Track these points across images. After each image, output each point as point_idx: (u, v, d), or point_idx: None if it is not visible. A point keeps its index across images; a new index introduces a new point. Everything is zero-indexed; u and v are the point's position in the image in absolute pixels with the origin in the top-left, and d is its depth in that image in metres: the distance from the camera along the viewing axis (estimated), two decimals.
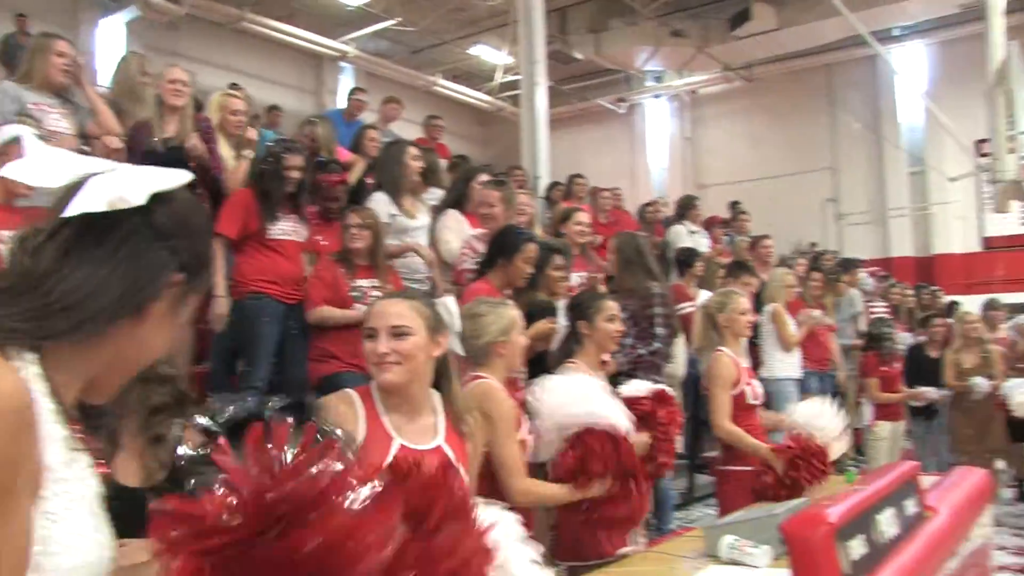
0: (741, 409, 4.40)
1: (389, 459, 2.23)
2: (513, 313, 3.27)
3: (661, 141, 21.12)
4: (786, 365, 7.40)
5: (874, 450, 8.12)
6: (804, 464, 4.07)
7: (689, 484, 7.56)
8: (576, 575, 3.29)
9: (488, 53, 18.63)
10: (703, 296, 5.32)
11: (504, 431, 2.95)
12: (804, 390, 8.06)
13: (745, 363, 4.53)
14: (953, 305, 10.95)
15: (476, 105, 20.77)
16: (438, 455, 2.39)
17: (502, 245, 4.53)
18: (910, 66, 18.02)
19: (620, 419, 3.21)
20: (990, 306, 9.62)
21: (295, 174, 5.45)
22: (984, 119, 10.42)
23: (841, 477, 4.57)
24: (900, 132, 18.18)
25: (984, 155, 11.33)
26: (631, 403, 3.67)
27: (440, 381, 2.55)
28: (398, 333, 2.39)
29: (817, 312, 7.84)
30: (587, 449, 3.06)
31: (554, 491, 3.07)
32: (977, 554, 4.21)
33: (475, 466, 2.66)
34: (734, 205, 12.03)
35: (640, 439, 3.54)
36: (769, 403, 6.96)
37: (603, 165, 19.25)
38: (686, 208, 10.19)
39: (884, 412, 8.18)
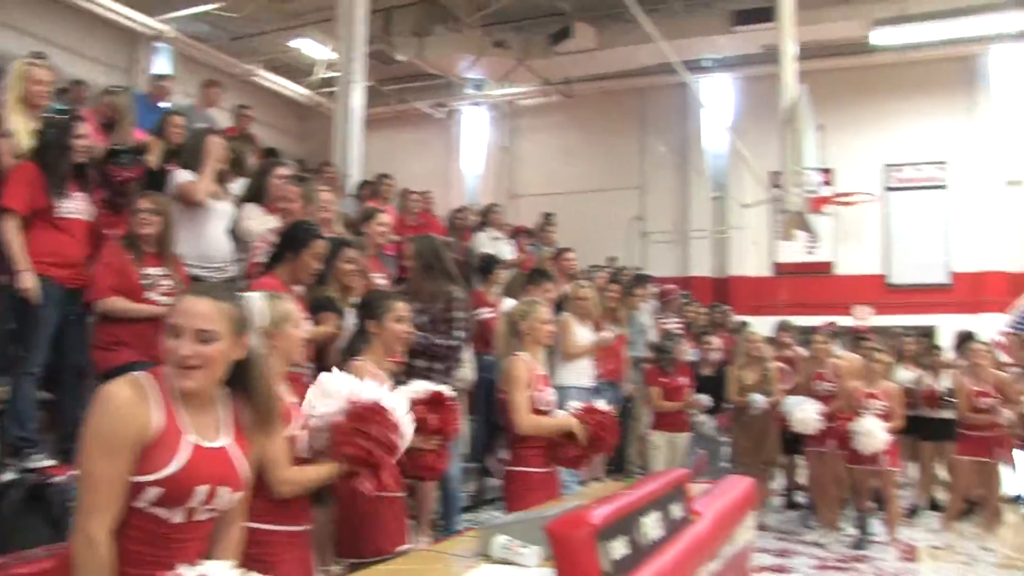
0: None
1: (180, 456, 2.21)
2: (287, 306, 3.23)
3: (478, 149, 21.37)
4: (574, 374, 7.61)
5: (651, 458, 8.48)
6: (602, 425, 4.54)
7: (479, 487, 7.68)
8: (355, 572, 3.29)
9: (310, 47, 18.32)
10: (506, 303, 5.41)
11: None
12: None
13: (541, 371, 4.65)
14: (743, 325, 11.62)
15: (295, 99, 20.41)
16: (221, 456, 2.38)
17: (291, 239, 4.48)
18: (717, 97, 19.07)
19: (382, 395, 3.20)
20: (781, 327, 10.21)
21: (81, 145, 5.19)
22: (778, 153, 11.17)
23: (620, 483, 4.80)
24: (704, 158, 19.19)
25: (776, 186, 12.04)
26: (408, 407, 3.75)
27: (245, 379, 2.51)
28: (204, 338, 2.34)
29: (608, 334, 8.01)
30: (343, 424, 3.03)
31: (315, 472, 3.03)
32: (739, 556, 4.52)
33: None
34: (547, 216, 12.36)
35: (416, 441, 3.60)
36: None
37: (419, 168, 19.30)
38: (488, 215, 10.34)
39: (663, 422, 8.52)
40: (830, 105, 16.77)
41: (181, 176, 5.62)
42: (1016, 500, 9.45)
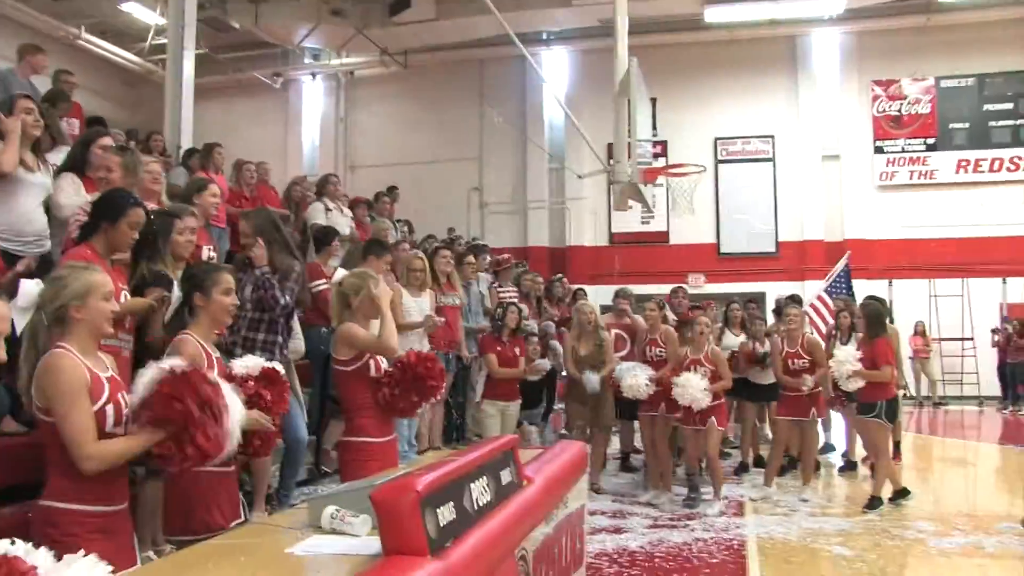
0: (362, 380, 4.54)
1: None
2: (94, 278, 3.08)
3: (315, 119, 21.02)
4: (405, 344, 7.60)
5: (483, 426, 8.56)
6: (427, 369, 4.54)
7: (316, 460, 7.59)
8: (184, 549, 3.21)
9: (140, 11, 17.34)
10: (338, 275, 5.28)
11: (64, 403, 2.78)
12: None
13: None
14: (578, 293, 11.85)
15: (125, 66, 19.18)
16: None
17: (106, 208, 4.24)
18: (555, 70, 19.34)
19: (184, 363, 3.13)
20: (619, 295, 10.40)
21: None
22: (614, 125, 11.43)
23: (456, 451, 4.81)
24: (543, 130, 19.48)
25: (612, 158, 12.30)
26: (239, 382, 3.67)
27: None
28: None
29: (437, 319, 7.98)
30: (159, 388, 2.94)
31: (121, 444, 2.91)
32: (571, 519, 4.62)
33: None
34: (390, 190, 12.25)
35: (249, 416, 3.54)
36: None
37: (255, 139, 18.84)
38: (323, 187, 10.10)
39: (495, 391, 8.58)
40: (664, 80, 17.32)
41: None
42: (824, 451, 10.14)
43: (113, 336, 3.79)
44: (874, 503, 7.73)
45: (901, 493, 7.97)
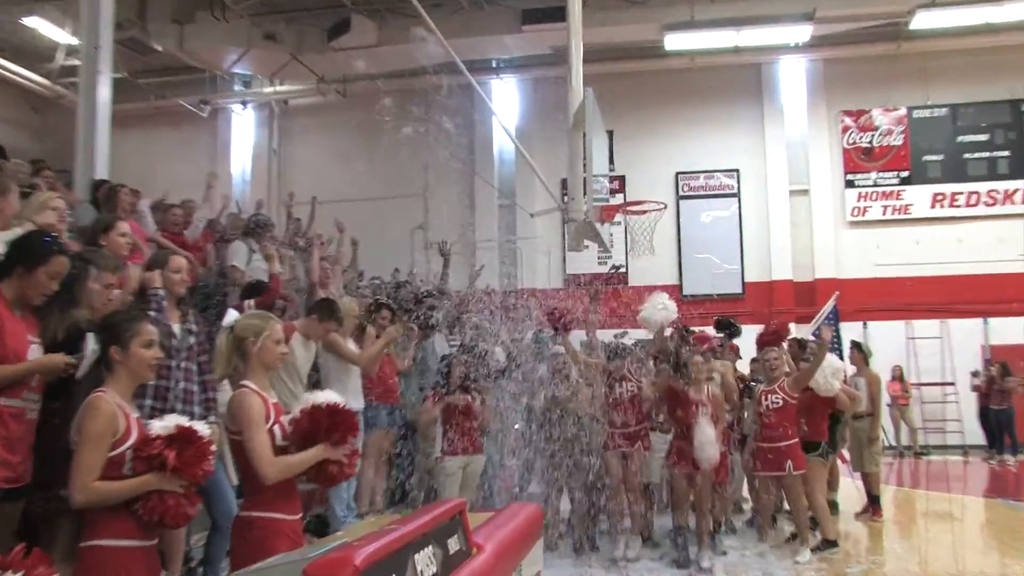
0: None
1: None
2: None
3: (246, 151, 20.91)
4: (341, 394, 7.55)
5: (441, 486, 8.47)
6: (336, 422, 4.13)
7: None
8: None
9: (47, 28, 16.87)
10: (230, 316, 4.99)
11: None
12: (371, 424, 8.34)
13: (273, 398, 4.26)
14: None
15: (31, 88, 18.75)
16: None
17: (25, 252, 4.12)
18: (505, 100, 19.49)
19: None
20: (590, 345, 10.51)
21: None
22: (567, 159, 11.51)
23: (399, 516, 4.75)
24: (492, 165, 19.58)
25: (566, 194, 12.38)
26: (144, 444, 3.61)
27: None
28: None
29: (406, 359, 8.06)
30: None
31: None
32: None
33: None
34: (298, 222, 12.26)
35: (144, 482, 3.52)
36: None
37: (180, 172, 18.55)
38: (256, 228, 9.85)
39: (454, 446, 8.51)
40: (622, 111, 17.57)
41: None
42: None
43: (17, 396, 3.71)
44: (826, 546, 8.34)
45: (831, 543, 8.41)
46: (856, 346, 11.20)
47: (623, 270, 12.75)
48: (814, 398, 8.60)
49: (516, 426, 9.35)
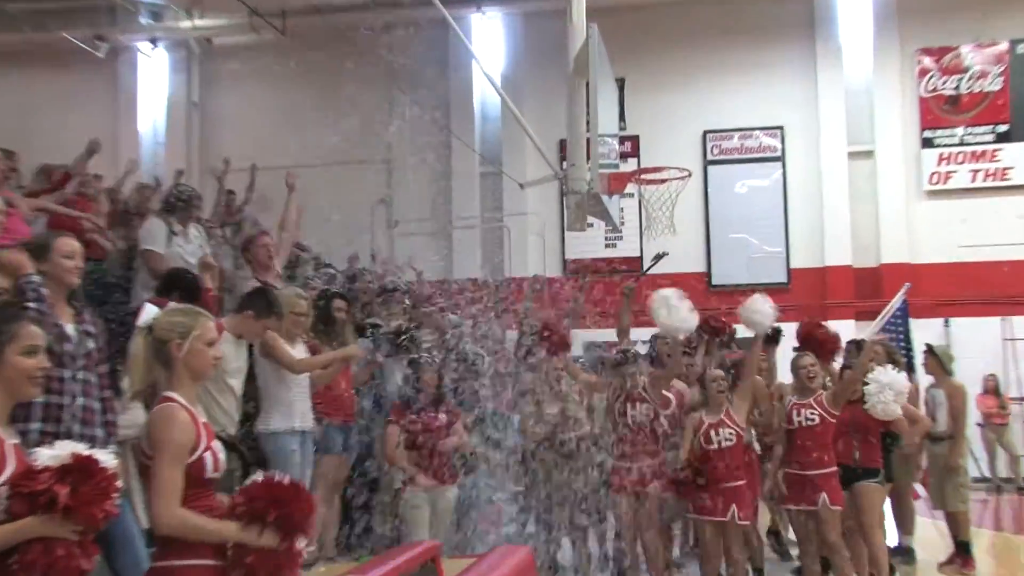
0: (195, 486, 4.02)
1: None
2: None
3: (157, 103, 20.84)
4: (282, 413, 7.76)
5: (407, 522, 8.59)
6: (277, 502, 3.94)
7: None
8: None
9: None
10: (148, 313, 4.75)
11: None
12: (325, 449, 8.48)
13: (203, 416, 4.20)
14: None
15: None
16: None
17: None
18: (489, 41, 19.51)
19: None
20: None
21: None
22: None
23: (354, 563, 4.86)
24: (472, 123, 19.68)
25: (565, 160, 12.49)
26: (26, 477, 3.53)
27: None
28: None
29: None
30: None
31: None
32: None
33: None
34: (229, 194, 12.32)
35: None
36: (265, 466, 7.25)
37: (71, 126, 18.43)
38: (177, 202, 9.90)
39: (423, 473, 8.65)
40: (636, 55, 17.70)
41: None
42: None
43: None
44: None
45: None
46: (932, 351, 11.03)
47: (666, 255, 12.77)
48: (869, 416, 8.75)
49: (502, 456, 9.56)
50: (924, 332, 14.51)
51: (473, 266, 19.42)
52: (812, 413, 8.66)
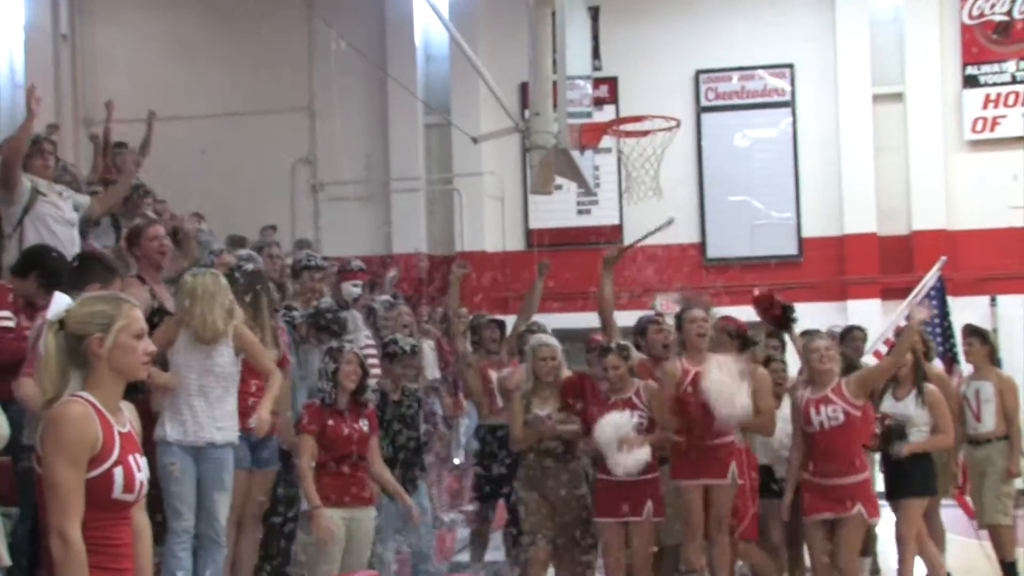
0: (98, 508, 4.08)
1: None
2: None
3: (13, 36, 20.67)
4: (172, 421, 7.80)
5: (313, 554, 8.65)
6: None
7: None
8: None
9: None
10: (57, 303, 4.80)
11: None
12: (256, 463, 8.64)
13: (124, 425, 4.27)
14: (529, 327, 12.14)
15: None
16: None
17: None
18: None
19: None
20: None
21: None
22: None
23: None
24: (414, 64, 19.79)
25: (528, 108, 12.61)
26: None
27: None
28: None
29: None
30: None
31: None
32: None
33: None
34: (117, 146, 12.40)
35: None
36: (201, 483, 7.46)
37: None
38: (37, 153, 9.91)
39: (336, 491, 8.72)
40: None
41: None
42: None
43: None
44: None
45: None
46: (975, 333, 11.05)
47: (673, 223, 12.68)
48: None
49: (456, 460, 9.79)
50: (966, 313, 14.61)
51: (417, 237, 19.49)
52: (835, 410, 8.85)
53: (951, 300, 15.60)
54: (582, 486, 9.39)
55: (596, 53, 15.51)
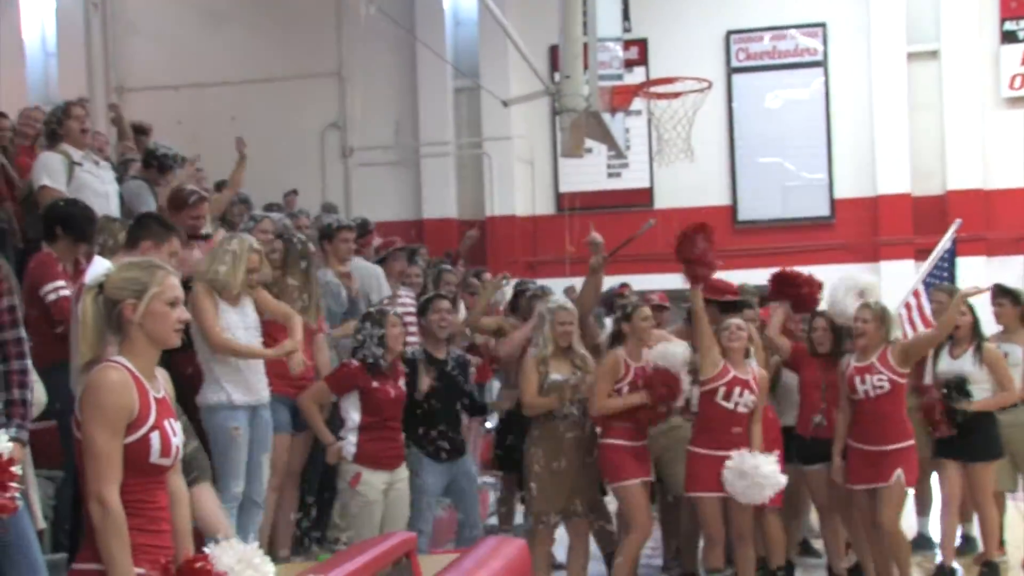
0: (136, 473, 4.18)
1: None
2: None
3: (46, 4, 20.75)
4: (232, 383, 7.83)
5: (353, 516, 8.72)
6: None
7: None
8: None
9: None
10: (96, 268, 4.86)
11: None
12: (277, 427, 8.75)
13: (160, 390, 4.37)
14: (539, 291, 12.24)
15: None
16: None
17: None
18: None
19: None
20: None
21: None
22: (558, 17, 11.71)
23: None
24: (443, 28, 19.86)
25: (558, 71, 12.63)
26: None
27: None
28: None
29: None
30: None
31: None
32: None
33: None
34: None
35: None
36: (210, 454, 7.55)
37: None
38: (61, 124, 9.90)
39: (375, 454, 8.81)
40: None
41: None
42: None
43: None
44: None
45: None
46: (1005, 293, 10.74)
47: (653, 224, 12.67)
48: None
49: (488, 423, 9.84)
50: (1002, 273, 14.52)
51: (447, 202, 19.56)
52: (880, 379, 8.90)
53: (986, 260, 15.59)
54: (595, 452, 9.47)
55: (626, 14, 15.54)
